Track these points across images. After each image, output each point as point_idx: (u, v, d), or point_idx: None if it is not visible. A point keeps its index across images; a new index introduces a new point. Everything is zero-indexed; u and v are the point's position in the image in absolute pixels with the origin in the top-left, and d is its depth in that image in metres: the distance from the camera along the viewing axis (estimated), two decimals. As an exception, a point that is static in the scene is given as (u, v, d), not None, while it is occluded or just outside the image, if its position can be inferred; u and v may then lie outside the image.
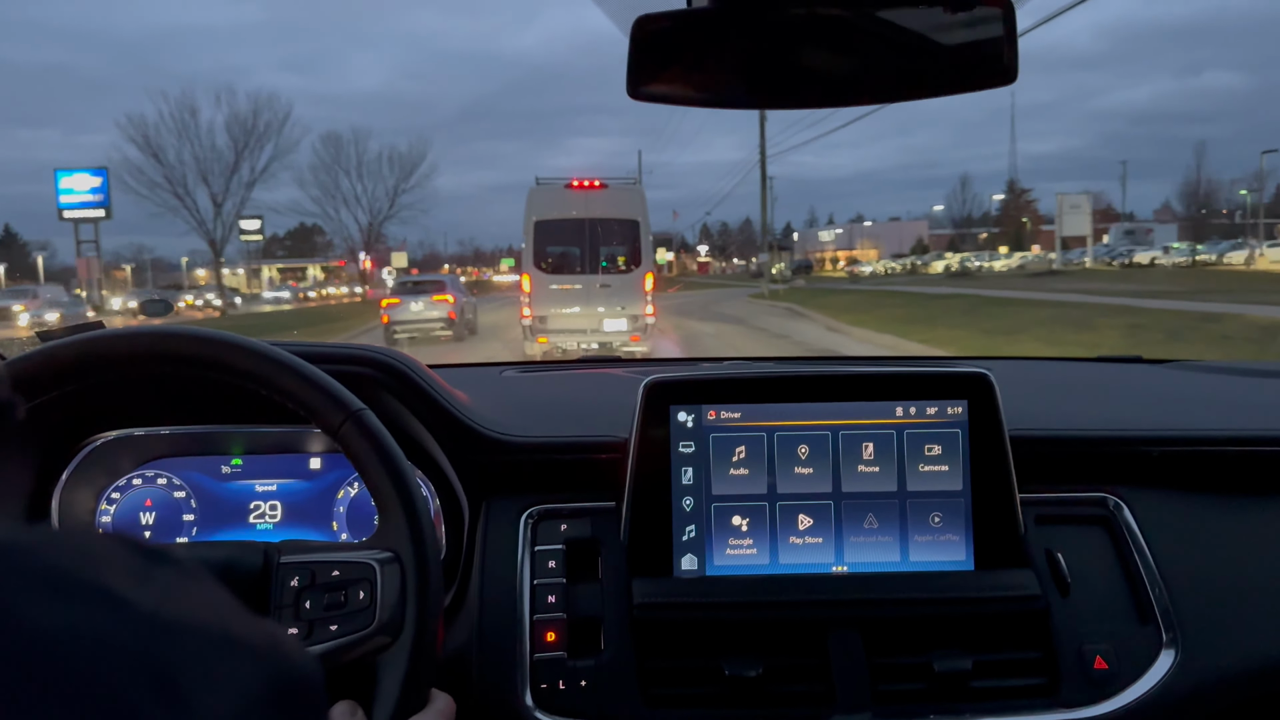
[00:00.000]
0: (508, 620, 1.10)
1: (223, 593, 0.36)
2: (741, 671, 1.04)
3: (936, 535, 1.13)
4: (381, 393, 1.16)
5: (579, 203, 11.22)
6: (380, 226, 45.92)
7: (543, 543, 1.16)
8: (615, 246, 11.28)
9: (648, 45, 0.90)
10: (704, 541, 1.13)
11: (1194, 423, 1.32)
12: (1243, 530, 1.22)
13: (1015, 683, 1.08)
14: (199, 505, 1.29)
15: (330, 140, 49.38)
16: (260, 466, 1.30)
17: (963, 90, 0.95)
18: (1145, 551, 1.17)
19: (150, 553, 0.35)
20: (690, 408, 1.14)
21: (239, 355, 0.89)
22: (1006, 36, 0.89)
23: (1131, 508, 1.21)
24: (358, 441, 0.88)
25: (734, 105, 0.99)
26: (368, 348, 1.19)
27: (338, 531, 1.29)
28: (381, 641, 0.85)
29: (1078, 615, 1.12)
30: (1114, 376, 1.77)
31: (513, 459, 1.20)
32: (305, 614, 0.87)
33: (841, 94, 0.96)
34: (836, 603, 1.09)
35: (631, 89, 0.91)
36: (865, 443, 1.14)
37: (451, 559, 1.21)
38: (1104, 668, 1.08)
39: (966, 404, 1.15)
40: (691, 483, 1.14)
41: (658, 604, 1.08)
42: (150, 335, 0.90)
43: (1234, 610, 1.14)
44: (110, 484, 1.28)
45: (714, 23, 0.91)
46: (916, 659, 1.07)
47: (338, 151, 45.46)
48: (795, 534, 1.13)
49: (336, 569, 0.88)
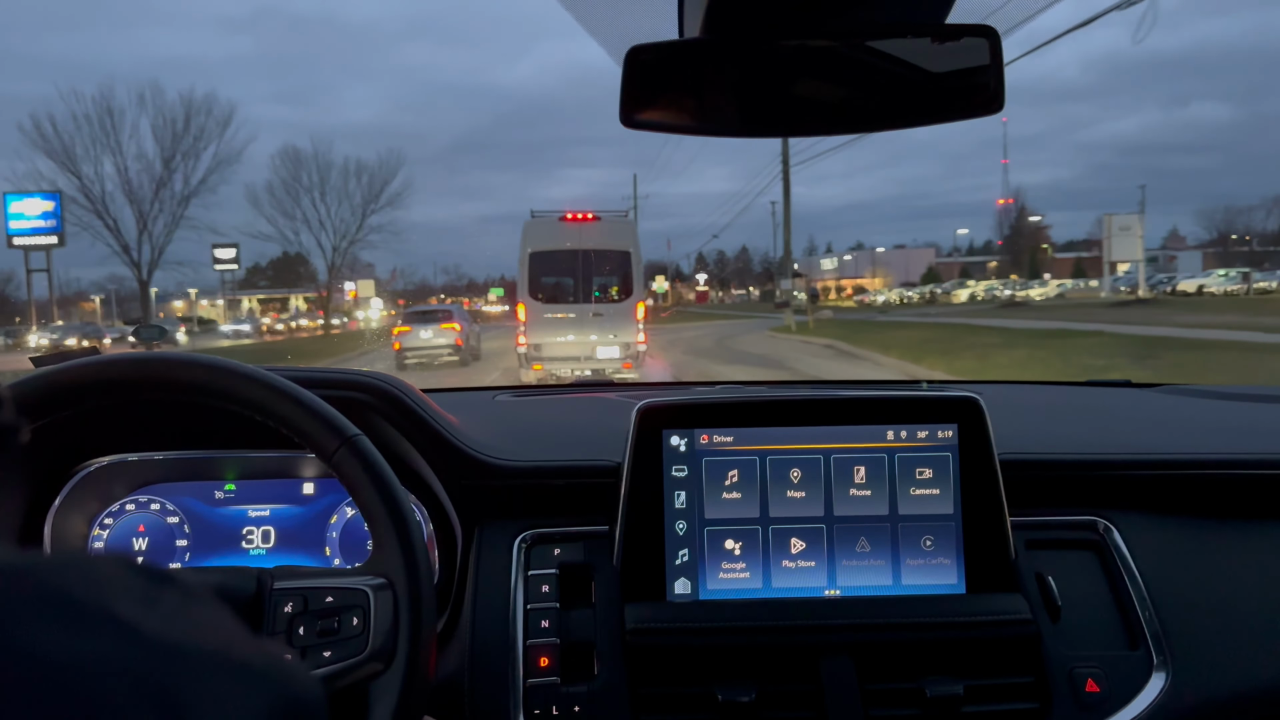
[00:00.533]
0: (501, 645, 1.10)
1: (226, 615, 0.37)
2: (735, 697, 1.04)
3: (928, 559, 1.14)
4: (375, 417, 1.16)
5: (573, 234, 11.67)
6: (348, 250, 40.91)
7: (536, 567, 1.15)
8: (608, 276, 11.75)
9: (640, 75, 0.91)
10: (697, 565, 1.13)
11: (1183, 446, 1.33)
12: (1233, 553, 1.22)
13: (1007, 707, 1.08)
14: (192, 530, 1.29)
15: (289, 156, 43.13)
16: (253, 491, 1.30)
17: (950, 119, 0.96)
18: (1135, 575, 1.17)
19: (153, 575, 0.36)
20: (683, 432, 1.15)
21: (233, 381, 0.89)
22: (993, 66, 0.91)
23: (1122, 531, 1.21)
24: (352, 468, 0.89)
25: (725, 133, 1.01)
26: (361, 373, 1.20)
27: (330, 557, 1.28)
28: (374, 669, 0.85)
29: (1069, 639, 1.12)
30: (1103, 400, 1.78)
31: (506, 483, 1.20)
32: (298, 640, 0.87)
33: (831, 122, 0.98)
34: (829, 627, 1.09)
35: (625, 118, 0.93)
36: (857, 466, 1.15)
37: (444, 583, 1.21)
38: (1095, 691, 1.08)
39: (957, 428, 1.15)
40: (684, 507, 1.14)
41: (651, 629, 1.08)
42: (142, 361, 0.90)
43: (1225, 634, 1.14)
44: (103, 509, 1.28)
45: (705, 53, 0.93)
46: (908, 684, 1.07)
47: (296, 168, 39.93)
48: (788, 557, 1.14)
49: (330, 595, 0.88)
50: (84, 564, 0.35)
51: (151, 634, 0.32)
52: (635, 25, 0.96)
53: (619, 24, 0.99)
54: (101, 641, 0.30)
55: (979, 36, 0.90)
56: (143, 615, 0.33)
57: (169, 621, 0.33)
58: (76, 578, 0.33)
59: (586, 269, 11.69)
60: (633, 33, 0.91)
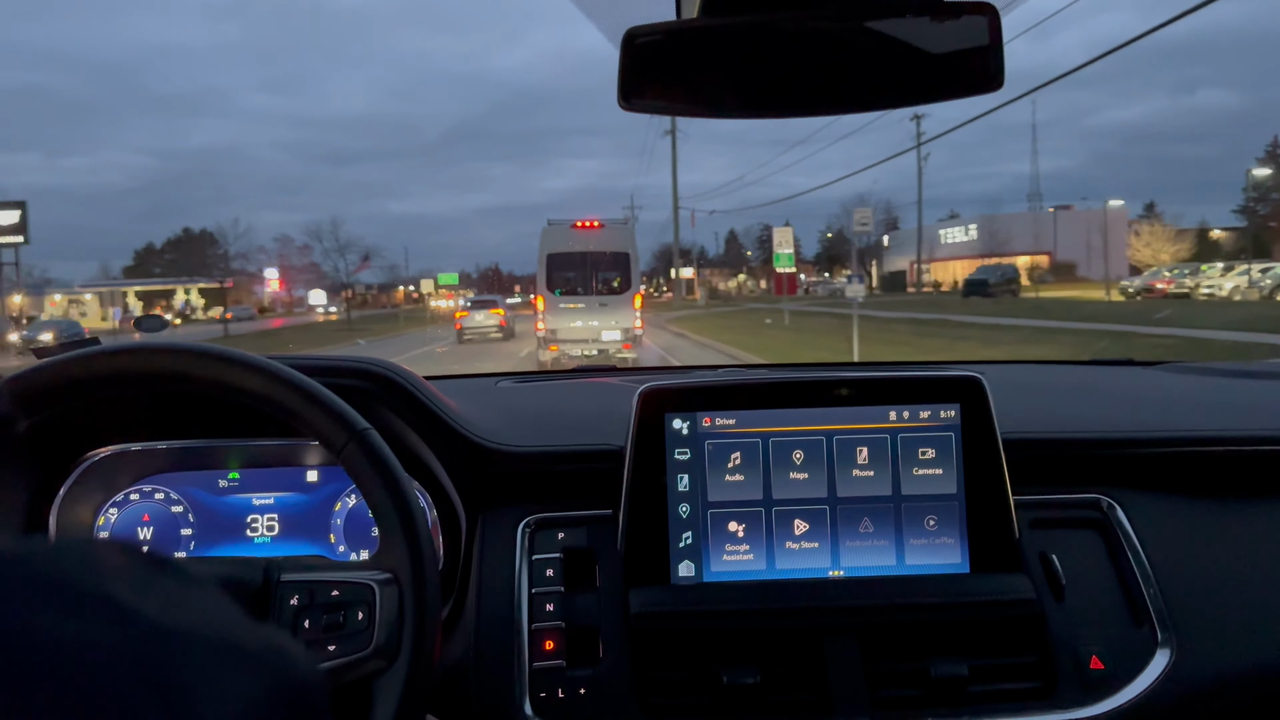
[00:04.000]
0: (506, 629, 1.11)
1: (226, 601, 0.37)
2: (739, 679, 1.05)
3: (932, 539, 1.14)
4: (378, 405, 1.16)
5: (581, 239, 14.22)
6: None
7: (540, 552, 1.16)
8: (610, 273, 14.26)
9: (638, 57, 0.91)
10: (700, 548, 1.14)
11: (1187, 424, 1.33)
12: (1236, 531, 1.23)
13: (1012, 686, 1.08)
14: (196, 519, 1.29)
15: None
16: (257, 480, 1.30)
17: (950, 97, 0.95)
18: (1139, 553, 1.18)
19: (153, 561, 0.36)
20: (685, 415, 1.15)
21: (240, 372, 0.89)
22: (992, 44, 0.90)
23: (1125, 509, 1.22)
24: (360, 463, 0.89)
25: (723, 114, 1.00)
26: (365, 360, 1.20)
27: (335, 544, 1.29)
28: (377, 665, 0.85)
29: (1073, 617, 1.12)
30: (1106, 379, 1.78)
31: (509, 469, 1.21)
32: (303, 633, 0.87)
33: (831, 102, 0.97)
34: (834, 609, 1.09)
35: (623, 100, 0.92)
36: (859, 447, 1.15)
37: (449, 569, 1.21)
38: (1100, 668, 1.09)
39: (959, 407, 1.15)
40: (687, 490, 1.14)
41: (655, 613, 1.09)
42: (149, 351, 0.90)
43: (1228, 611, 1.15)
44: (108, 499, 1.28)
45: (702, 34, 0.92)
46: (913, 664, 1.07)
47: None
48: (791, 539, 1.14)
49: (336, 589, 0.89)
50: (82, 550, 0.35)
51: (149, 618, 0.32)
52: (632, 8, 0.95)
53: (616, 7, 0.99)
54: (98, 625, 0.30)
55: (979, 14, 0.89)
56: (140, 600, 0.33)
57: (167, 606, 0.33)
58: (74, 563, 0.33)
59: (593, 267, 14.14)
60: (630, 16, 0.91)
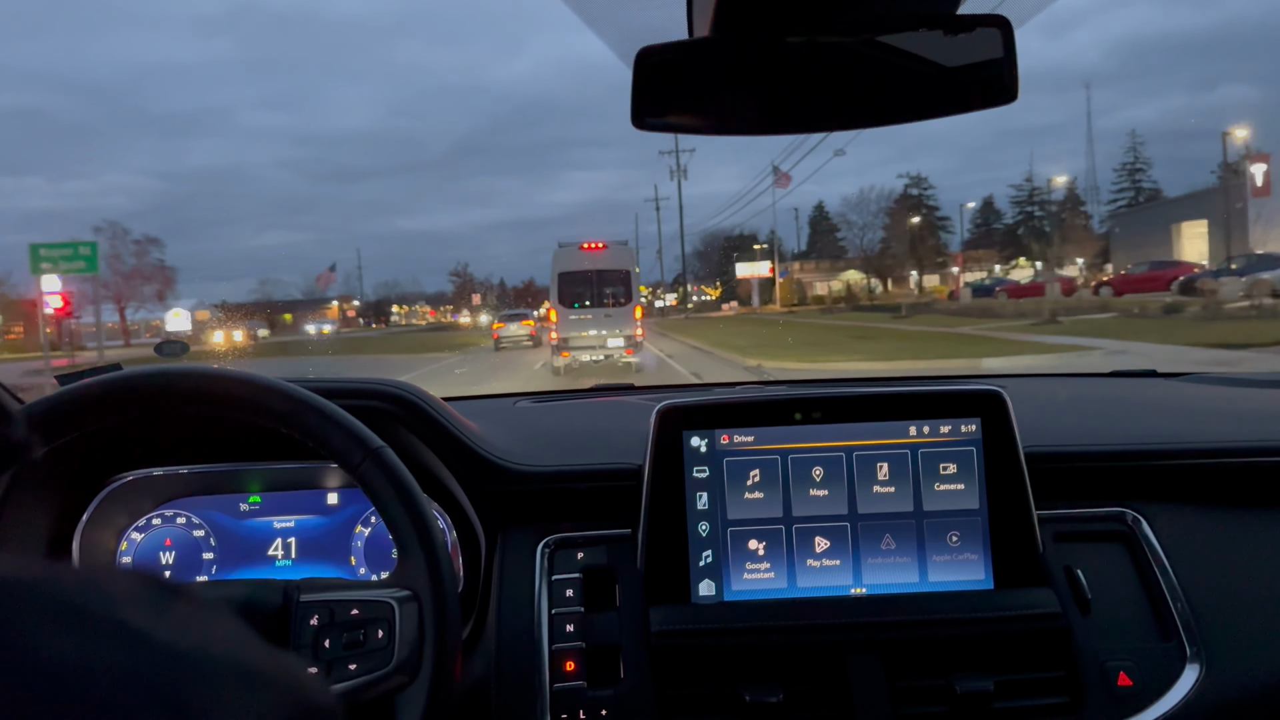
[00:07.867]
0: (526, 650, 1.10)
1: (240, 626, 0.37)
2: (762, 698, 1.04)
3: (954, 555, 1.13)
4: (397, 427, 1.17)
5: (588, 260, 16.48)
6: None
7: (560, 572, 1.15)
8: (613, 288, 16.44)
9: (651, 76, 0.91)
10: (721, 567, 1.13)
11: (1211, 435, 1.31)
12: (1265, 543, 1.21)
13: (1038, 702, 1.07)
14: (218, 543, 1.29)
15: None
16: (278, 503, 1.31)
17: (964, 110, 0.95)
18: (1166, 566, 1.16)
19: (166, 587, 0.36)
20: (703, 433, 1.14)
21: (258, 393, 0.90)
22: (1006, 56, 0.90)
23: (1150, 522, 1.20)
24: (377, 480, 0.89)
25: (737, 132, 1.01)
26: (383, 382, 1.20)
27: (356, 566, 1.29)
28: (399, 681, 0.85)
29: (1099, 632, 1.11)
30: (1129, 391, 1.76)
31: (528, 489, 1.20)
32: (325, 653, 0.87)
33: (844, 118, 0.97)
34: (856, 625, 1.08)
35: (636, 119, 0.93)
36: (880, 463, 1.14)
37: (469, 590, 1.21)
38: (1128, 684, 1.07)
39: (980, 421, 1.14)
40: (707, 508, 1.14)
41: (676, 632, 1.08)
42: (168, 375, 0.91)
43: (1257, 624, 1.13)
44: (130, 524, 1.29)
45: (715, 52, 0.93)
46: (938, 681, 1.06)
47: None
48: (812, 556, 1.13)
49: (356, 608, 0.89)
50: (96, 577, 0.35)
51: (161, 642, 0.32)
52: (642, 22, 0.96)
53: (626, 21, 0.99)
54: (111, 649, 0.30)
55: (991, 27, 0.89)
56: (153, 624, 0.33)
57: (180, 630, 0.33)
58: (87, 589, 0.33)
59: (599, 283, 16.32)
60: (640, 29, 0.91)
